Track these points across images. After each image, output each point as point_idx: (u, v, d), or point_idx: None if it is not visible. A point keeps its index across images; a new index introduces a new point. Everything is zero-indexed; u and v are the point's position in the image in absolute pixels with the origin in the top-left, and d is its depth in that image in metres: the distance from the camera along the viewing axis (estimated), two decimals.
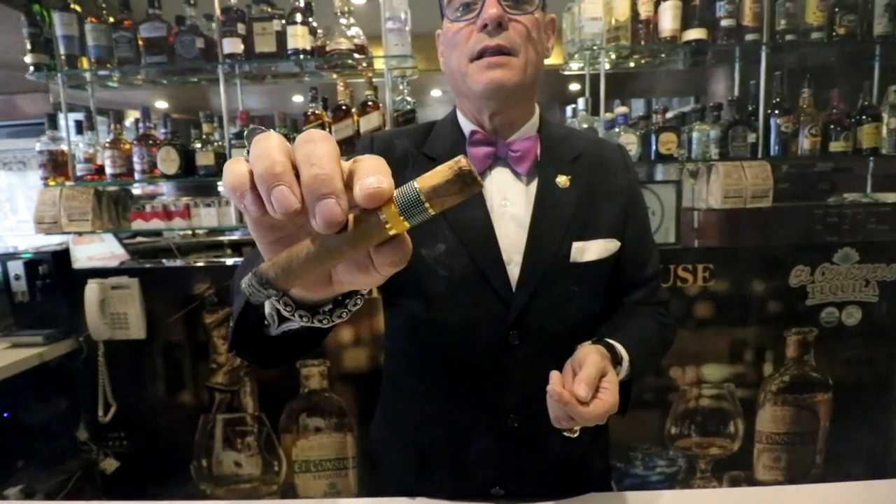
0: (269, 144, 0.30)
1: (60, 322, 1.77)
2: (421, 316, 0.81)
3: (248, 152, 0.31)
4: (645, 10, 1.73)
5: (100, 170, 1.78)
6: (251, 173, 0.30)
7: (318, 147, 0.29)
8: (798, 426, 1.81)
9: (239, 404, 1.82)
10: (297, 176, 0.29)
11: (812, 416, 1.82)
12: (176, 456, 1.83)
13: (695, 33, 1.73)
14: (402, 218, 0.29)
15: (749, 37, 1.74)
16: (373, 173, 0.29)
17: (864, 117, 1.77)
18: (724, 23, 1.73)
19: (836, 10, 1.74)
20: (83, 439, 1.81)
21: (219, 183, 2.01)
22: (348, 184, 0.30)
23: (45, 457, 1.76)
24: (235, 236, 2.32)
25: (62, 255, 1.79)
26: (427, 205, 0.29)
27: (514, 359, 0.77)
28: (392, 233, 0.30)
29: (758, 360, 1.81)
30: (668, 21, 1.72)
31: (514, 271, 0.77)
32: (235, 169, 0.31)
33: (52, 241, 1.91)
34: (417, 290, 0.79)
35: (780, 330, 1.79)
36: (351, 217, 0.30)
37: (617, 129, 1.77)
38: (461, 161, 0.28)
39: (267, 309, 0.48)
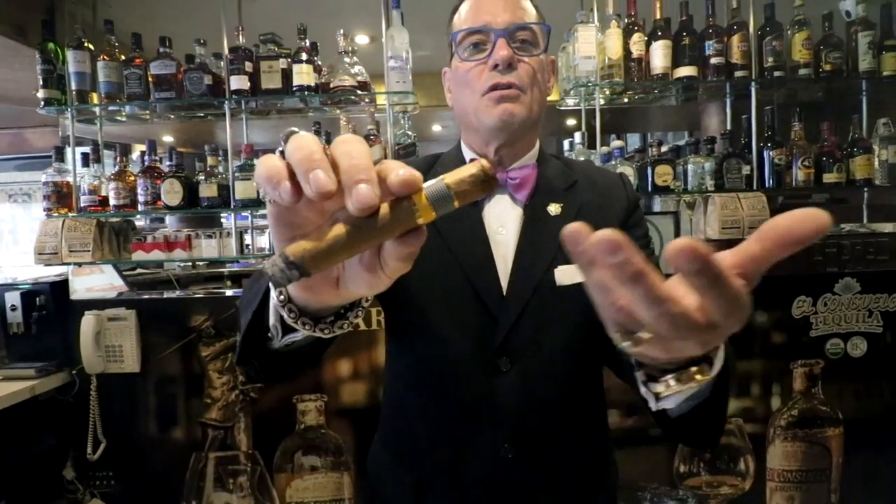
0: (307, 140, 0.33)
1: (54, 354, 1.74)
2: (420, 341, 0.81)
3: (282, 152, 0.33)
4: (637, 49, 1.80)
5: (103, 201, 1.80)
6: (287, 165, 0.32)
7: (355, 146, 0.33)
8: (810, 463, 1.75)
9: (232, 442, 1.76)
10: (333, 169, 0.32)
11: (824, 452, 1.76)
12: (165, 497, 1.75)
13: (686, 70, 1.80)
14: (431, 207, 0.32)
15: (738, 73, 1.81)
16: (402, 167, 0.32)
17: (855, 149, 1.81)
18: (713, 60, 1.79)
19: (821, 47, 1.81)
20: (69, 478, 1.75)
21: (222, 214, 2.03)
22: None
23: (29, 496, 1.68)
24: (236, 268, 2.32)
25: (60, 286, 1.78)
26: (454, 198, 0.32)
27: (505, 387, 0.76)
28: (420, 221, 0.33)
29: (765, 393, 1.77)
30: (659, 59, 1.79)
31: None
32: (271, 161, 0.33)
33: (52, 272, 1.91)
34: (418, 314, 0.79)
35: (786, 362, 1.76)
36: (382, 206, 0.32)
37: (613, 162, 1.80)
38: (483, 161, 0.33)
39: (271, 320, 0.49)
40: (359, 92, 1.83)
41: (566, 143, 2.02)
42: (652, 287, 0.29)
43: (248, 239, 2.24)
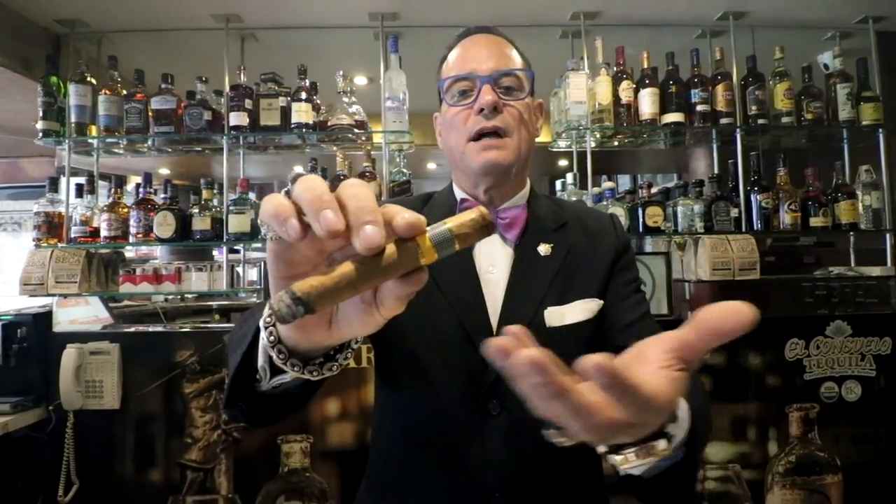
0: (316, 181, 0.34)
1: (33, 389, 1.68)
2: (410, 383, 0.79)
3: (286, 192, 0.35)
4: (626, 96, 1.87)
5: (94, 232, 1.79)
6: (294, 204, 0.34)
7: (362, 189, 0.35)
8: None
9: (212, 485, 1.69)
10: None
11: (824, 501, 1.71)
12: None
13: (673, 117, 1.86)
14: (434, 249, 0.34)
15: (723, 121, 1.87)
16: (407, 211, 0.34)
17: (839, 195, 1.86)
18: (699, 108, 1.86)
19: (802, 97, 1.89)
20: None
21: (215, 250, 2.02)
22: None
23: None
24: (225, 302, 2.29)
25: (44, 318, 1.74)
26: (455, 241, 0.34)
27: (496, 431, 0.74)
28: (423, 262, 0.34)
29: (762, 437, 1.73)
30: (647, 105, 1.85)
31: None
32: (278, 199, 0.34)
33: (37, 303, 1.87)
34: (407, 354, 0.78)
35: (781, 405, 1.74)
36: (388, 246, 0.34)
37: (605, 203, 1.83)
38: (482, 208, 0.36)
39: (260, 361, 0.49)
40: (356, 130, 1.86)
41: (558, 184, 2.05)
42: (574, 403, 0.32)
43: (239, 272, 2.22)
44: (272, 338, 0.42)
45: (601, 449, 0.45)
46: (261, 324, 0.44)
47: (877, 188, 1.89)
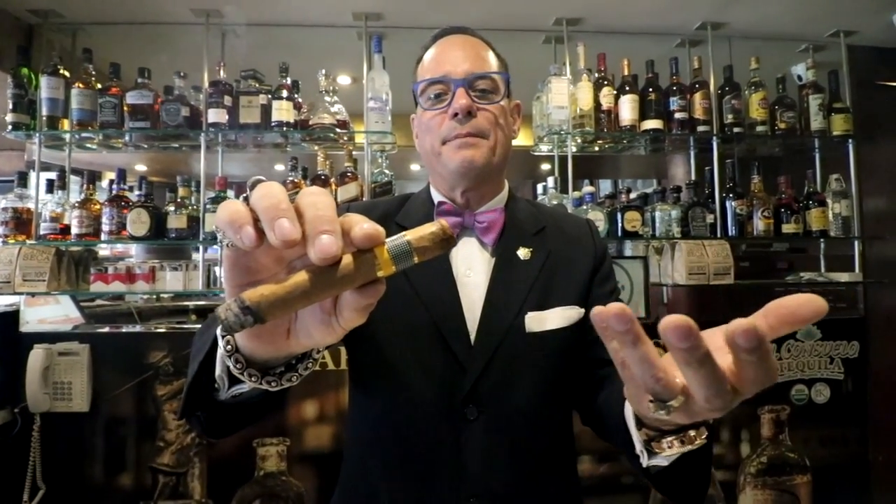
0: (274, 188, 0.33)
1: None
2: (383, 387, 0.77)
3: (245, 199, 0.34)
4: (606, 102, 1.90)
5: (65, 230, 1.74)
6: (251, 211, 0.33)
7: (321, 198, 0.34)
8: None
9: (185, 489, 1.65)
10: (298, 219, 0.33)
11: (794, 500, 1.75)
12: None
13: (652, 123, 1.89)
14: (392, 262, 0.34)
15: (701, 128, 1.91)
16: (366, 221, 0.34)
17: (810, 202, 1.91)
18: (677, 115, 1.90)
19: (776, 107, 1.94)
20: None
21: (192, 248, 1.98)
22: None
23: None
24: (202, 302, 2.24)
25: (10, 317, 1.68)
26: (414, 254, 0.34)
27: (472, 436, 0.73)
28: (380, 274, 0.34)
29: (734, 439, 1.77)
30: (627, 112, 1.88)
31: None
32: (234, 205, 0.33)
33: (3, 302, 1.81)
34: (382, 357, 0.77)
35: (753, 407, 1.78)
36: (344, 257, 0.33)
37: (585, 207, 1.85)
38: (443, 221, 0.35)
39: (217, 370, 0.47)
40: (338, 130, 1.85)
41: (540, 187, 2.07)
42: (716, 368, 0.31)
43: (216, 272, 2.18)
44: (229, 346, 0.41)
45: (642, 437, 0.48)
46: (218, 332, 0.43)
47: (846, 197, 1.95)
